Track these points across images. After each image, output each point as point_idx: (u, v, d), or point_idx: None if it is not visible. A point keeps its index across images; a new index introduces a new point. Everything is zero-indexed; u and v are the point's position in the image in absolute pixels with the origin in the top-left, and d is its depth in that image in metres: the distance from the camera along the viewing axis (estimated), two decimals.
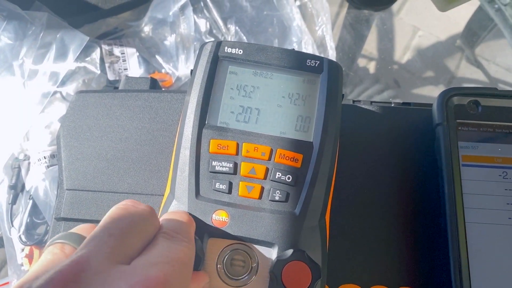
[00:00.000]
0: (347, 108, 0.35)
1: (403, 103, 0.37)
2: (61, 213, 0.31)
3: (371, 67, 0.80)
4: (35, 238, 0.40)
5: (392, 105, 0.37)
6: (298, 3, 0.49)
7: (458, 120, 0.32)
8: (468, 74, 0.85)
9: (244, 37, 0.52)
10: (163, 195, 0.28)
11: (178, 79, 0.47)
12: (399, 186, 0.33)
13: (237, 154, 0.27)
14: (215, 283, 0.26)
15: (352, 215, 0.32)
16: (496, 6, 0.79)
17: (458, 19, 0.85)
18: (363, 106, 0.36)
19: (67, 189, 0.32)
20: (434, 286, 0.30)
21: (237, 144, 0.28)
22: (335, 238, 0.30)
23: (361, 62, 0.80)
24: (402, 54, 0.84)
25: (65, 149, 0.33)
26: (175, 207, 0.27)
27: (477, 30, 0.85)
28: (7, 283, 0.40)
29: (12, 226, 0.40)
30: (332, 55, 0.51)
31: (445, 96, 0.32)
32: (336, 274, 0.30)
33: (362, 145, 0.34)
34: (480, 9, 0.86)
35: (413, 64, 0.82)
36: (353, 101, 0.36)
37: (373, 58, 0.81)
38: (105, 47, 0.45)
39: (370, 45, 0.80)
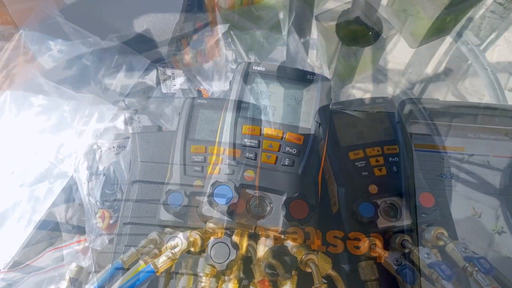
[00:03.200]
0: (338, 113, 0.49)
1: (377, 112, 0.51)
2: (136, 177, 0.45)
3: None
4: (106, 204, 0.54)
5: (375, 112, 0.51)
6: (302, 40, 0.64)
7: (411, 120, 0.46)
8: None
9: None
10: (210, 162, 0.42)
11: (213, 93, 0.62)
12: None
13: (260, 135, 0.42)
14: (245, 216, 0.39)
15: None
16: (469, 46, 0.93)
17: (443, 57, 0.97)
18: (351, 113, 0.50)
19: (141, 161, 0.46)
20: None
21: (260, 129, 0.42)
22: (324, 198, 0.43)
23: (357, 94, 0.92)
24: (395, 87, 0.97)
25: (139, 136, 0.48)
26: (220, 167, 0.41)
27: (457, 68, 0.96)
28: (85, 239, 0.53)
29: (89, 195, 0.54)
30: None
31: (403, 104, 0.46)
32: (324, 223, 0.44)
33: (353, 136, 0.48)
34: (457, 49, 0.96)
35: (404, 96, 0.93)
36: (341, 109, 0.51)
37: (368, 91, 0.93)
38: (160, 68, 0.61)
39: (366, 79, 0.92)
